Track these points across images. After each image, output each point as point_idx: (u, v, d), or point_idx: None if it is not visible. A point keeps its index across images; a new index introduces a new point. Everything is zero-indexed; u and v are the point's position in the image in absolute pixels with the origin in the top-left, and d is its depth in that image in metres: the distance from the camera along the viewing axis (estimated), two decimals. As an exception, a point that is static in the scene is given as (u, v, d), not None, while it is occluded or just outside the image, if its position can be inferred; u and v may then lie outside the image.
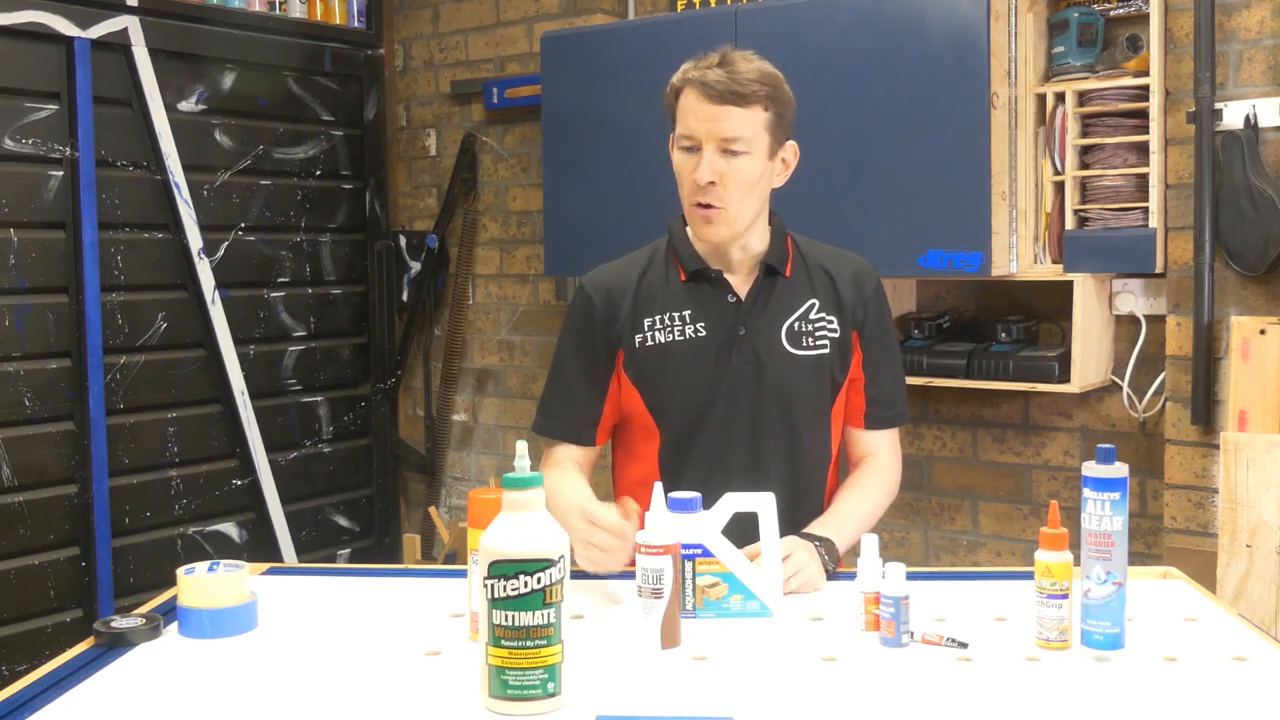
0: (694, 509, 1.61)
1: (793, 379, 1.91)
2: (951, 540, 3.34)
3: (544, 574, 1.29)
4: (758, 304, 1.92)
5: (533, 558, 1.29)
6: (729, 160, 1.81)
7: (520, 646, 1.29)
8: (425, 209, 4.28)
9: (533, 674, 1.30)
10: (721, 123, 1.80)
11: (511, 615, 1.29)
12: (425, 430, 4.27)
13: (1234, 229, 2.70)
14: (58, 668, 1.46)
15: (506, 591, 1.29)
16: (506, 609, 1.29)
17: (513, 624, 1.29)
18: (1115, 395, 3.06)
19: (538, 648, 1.29)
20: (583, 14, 3.81)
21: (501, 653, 1.30)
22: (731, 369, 1.90)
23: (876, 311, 1.98)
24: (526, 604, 1.29)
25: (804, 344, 1.91)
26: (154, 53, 3.48)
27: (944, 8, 2.87)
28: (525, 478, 1.34)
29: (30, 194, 3.25)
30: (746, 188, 1.84)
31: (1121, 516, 1.43)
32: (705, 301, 1.92)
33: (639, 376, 1.92)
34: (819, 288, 1.95)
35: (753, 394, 1.90)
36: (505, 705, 1.30)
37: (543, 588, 1.29)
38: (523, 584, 1.29)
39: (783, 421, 1.91)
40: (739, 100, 1.80)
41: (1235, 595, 2.60)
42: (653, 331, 1.91)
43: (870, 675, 1.42)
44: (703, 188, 1.82)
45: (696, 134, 1.82)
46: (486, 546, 1.31)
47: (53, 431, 3.32)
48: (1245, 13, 2.71)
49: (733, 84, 1.79)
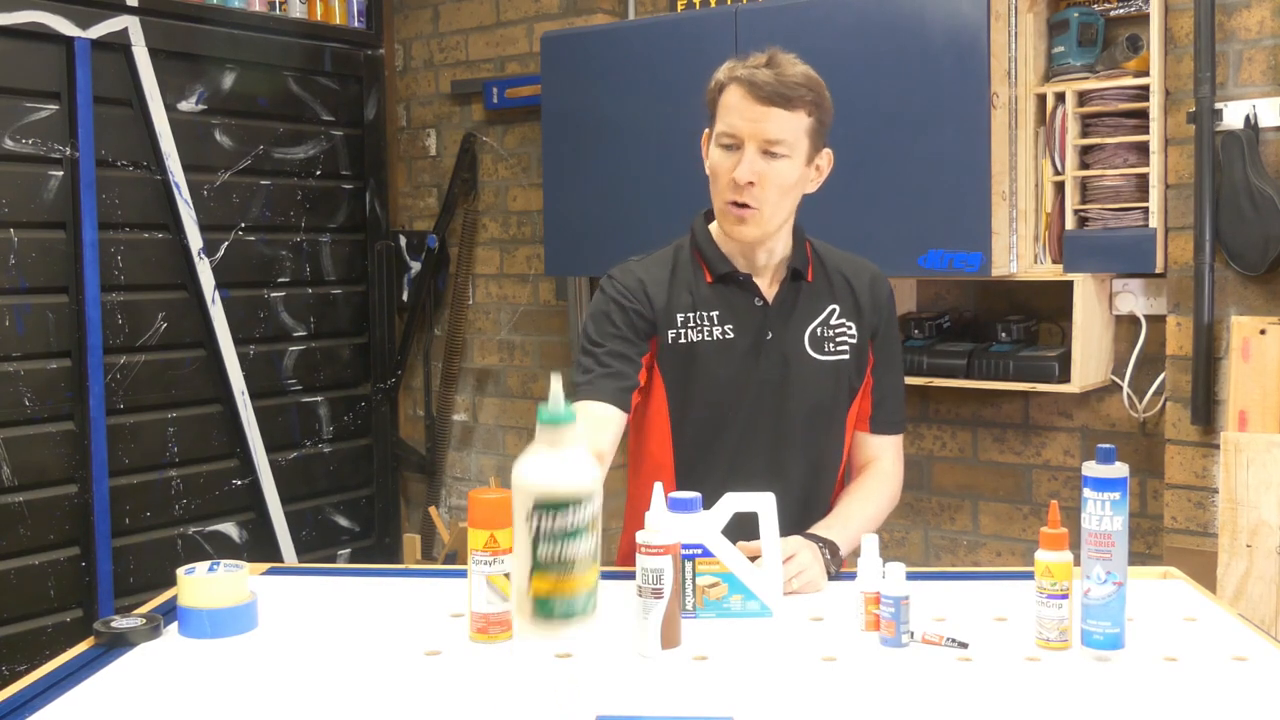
0: (694, 509, 1.61)
1: (816, 384, 1.92)
2: (951, 540, 3.34)
3: (587, 507, 1.34)
4: (784, 308, 1.92)
5: (576, 494, 1.34)
6: (769, 162, 1.81)
7: (566, 574, 1.34)
8: (425, 209, 4.28)
9: (577, 598, 1.36)
10: (765, 123, 1.79)
11: (558, 548, 1.34)
12: (425, 430, 4.27)
13: (1234, 229, 2.70)
14: (58, 668, 1.46)
15: (553, 528, 1.33)
16: (553, 542, 1.33)
17: (559, 557, 1.34)
18: (1115, 395, 3.06)
19: (582, 574, 1.35)
20: (583, 14, 3.81)
21: (546, 584, 1.34)
22: (759, 372, 1.90)
23: (889, 319, 2.00)
24: (573, 537, 1.34)
25: (826, 349, 1.93)
26: (154, 53, 3.48)
27: (944, 8, 2.87)
28: (561, 414, 1.37)
29: (30, 194, 3.25)
30: (782, 191, 1.83)
31: (1121, 516, 1.43)
32: (733, 303, 1.92)
33: (668, 372, 1.92)
34: (839, 294, 1.96)
35: (778, 398, 1.90)
36: (550, 628, 1.35)
37: (587, 521, 1.34)
38: (569, 520, 1.34)
39: (805, 426, 1.92)
40: (785, 103, 1.79)
41: (1235, 595, 2.60)
42: (685, 329, 1.90)
43: (870, 675, 1.42)
44: (740, 187, 1.81)
45: (740, 132, 1.81)
46: (527, 484, 1.34)
47: (53, 431, 3.32)
48: (1245, 13, 2.71)
49: (780, 86, 1.78)
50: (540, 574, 1.35)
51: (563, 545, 1.36)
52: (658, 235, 2.03)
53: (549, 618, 1.37)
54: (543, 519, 1.35)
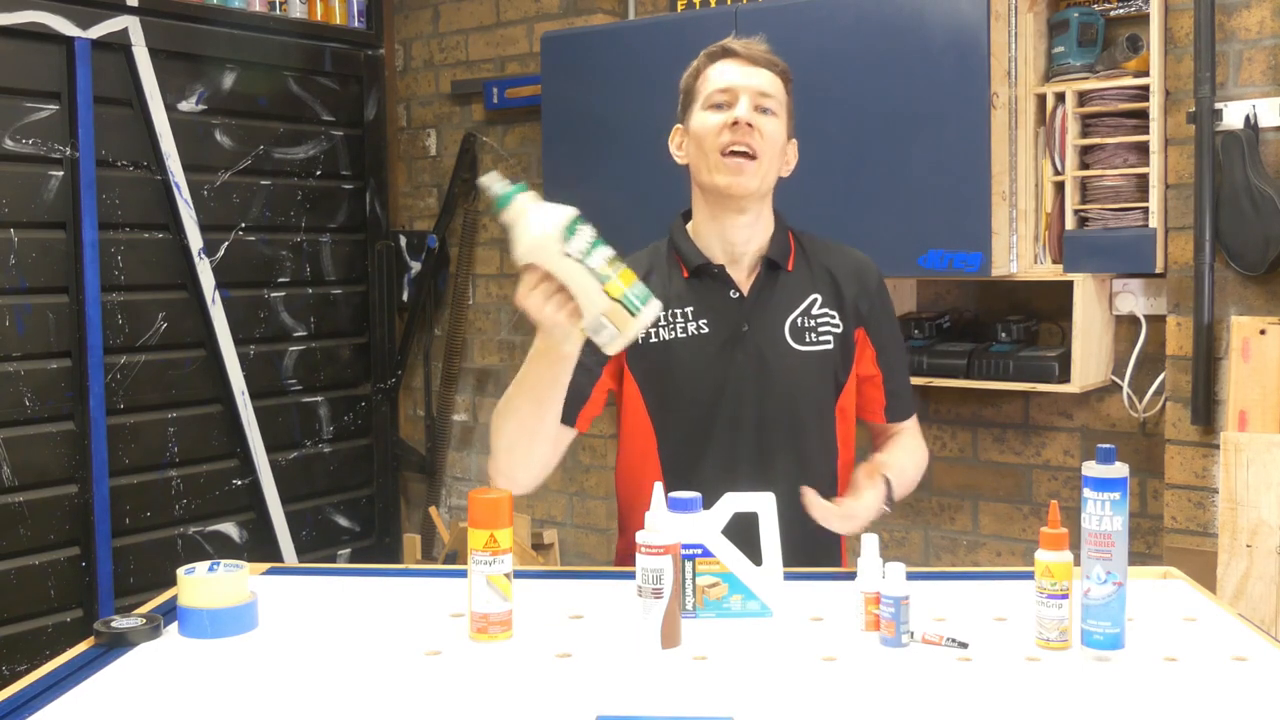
0: (694, 509, 1.61)
1: (797, 375, 1.90)
2: (951, 540, 3.34)
3: (584, 228, 1.54)
4: (761, 299, 1.91)
5: (573, 213, 1.55)
6: (761, 116, 1.85)
7: (620, 268, 1.54)
8: (425, 209, 4.28)
9: (638, 284, 1.55)
10: (758, 80, 1.86)
11: (600, 253, 1.53)
12: (425, 430, 4.27)
13: (1234, 229, 2.70)
14: (58, 668, 1.46)
15: (586, 244, 1.53)
16: (594, 252, 1.53)
17: (608, 259, 1.54)
18: (1115, 395, 3.06)
19: (626, 265, 1.55)
20: (583, 14, 3.81)
21: (616, 288, 1.53)
22: (736, 366, 1.89)
23: (882, 307, 1.99)
24: (599, 242, 1.55)
25: (807, 340, 1.91)
26: (154, 53, 3.48)
27: (944, 8, 2.87)
28: (510, 191, 1.57)
29: (30, 194, 3.25)
30: (775, 148, 1.87)
31: (1121, 516, 1.43)
32: (708, 298, 1.91)
33: (643, 374, 1.91)
34: (821, 282, 1.94)
35: (757, 391, 1.89)
36: (648, 311, 1.54)
37: (591, 237, 1.54)
38: (588, 232, 1.54)
39: (788, 418, 1.90)
40: (771, 66, 1.89)
41: (1235, 595, 2.60)
42: (657, 329, 1.90)
43: (870, 675, 1.42)
44: (741, 128, 1.83)
45: (735, 85, 1.86)
46: (546, 229, 1.53)
47: (53, 431, 3.32)
48: (1245, 13, 2.72)
49: (764, 53, 1.89)
50: (609, 284, 1.52)
51: (600, 250, 1.54)
52: (657, 235, 2.03)
53: (640, 307, 1.54)
54: (573, 242, 1.53)
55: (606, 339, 1.58)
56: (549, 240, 1.55)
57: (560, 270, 1.56)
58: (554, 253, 1.55)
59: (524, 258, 1.58)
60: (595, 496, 3.93)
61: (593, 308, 1.56)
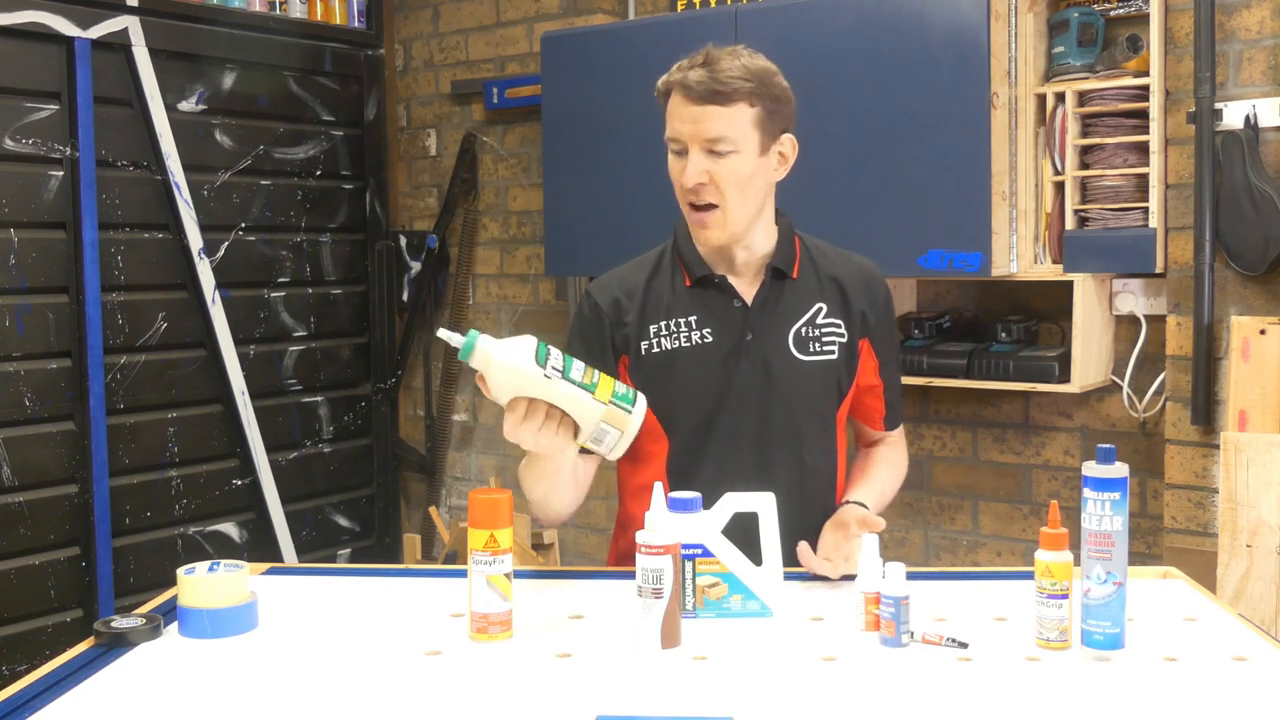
0: (694, 509, 1.61)
1: (800, 386, 1.89)
2: (951, 540, 3.34)
3: (551, 349, 1.59)
4: (765, 309, 1.90)
5: (535, 341, 1.59)
6: (716, 160, 1.79)
7: (599, 376, 1.61)
8: (425, 209, 4.28)
9: (619, 385, 1.62)
10: (704, 123, 1.77)
11: (576, 367, 1.59)
12: (425, 430, 4.27)
13: (1234, 229, 2.70)
14: (58, 668, 1.46)
15: (561, 361, 1.58)
16: (572, 368, 1.58)
17: (585, 370, 1.59)
18: (1115, 395, 3.06)
19: (603, 374, 1.62)
20: (583, 14, 3.81)
21: (604, 389, 1.59)
22: (740, 376, 1.88)
23: (887, 319, 1.98)
24: (571, 357, 1.61)
25: (811, 350, 1.90)
26: (154, 53, 3.48)
27: (944, 8, 2.87)
28: (468, 340, 1.59)
29: (30, 194, 3.25)
30: (739, 186, 1.80)
31: (1121, 516, 1.43)
32: (712, 307, 1.90)
33: (646, 384, 1.89)
34: (827, 291, 1.93)
35: (760, 401, 1.88)
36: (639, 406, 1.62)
37: (561, 355, 1.59)
38: (555, 354, 1.59)
39: (790, 428, 1.90)
40: (721, 99, 1.76)
41: (1235, 595, 2.60)
42: (659, 338, 1.89)
43: (870, 675, 1.42)
44: (693, 189, 1.80)
45: (681, 135, 1.80)
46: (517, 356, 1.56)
47: (53, 431, 3.32)
48: (1245, 13, 2.72)
49: (714, 83, 1.76)
50: (597, 392, 1.58)
51: (573, 363, 1.59)
52: (657, 236, 2.02)
53: (632, 403, 1.60)
54: (549, 364, 1.56)
55: (610, 443, 1.62)
56: (526, 369, 1.57)
57: (547, 393, 1.58)
58: (535, 378, 1.57)
59: (507, 394, 1.59)
60: (595, 496, 3.93)
61: (591, 418, 1.60)
